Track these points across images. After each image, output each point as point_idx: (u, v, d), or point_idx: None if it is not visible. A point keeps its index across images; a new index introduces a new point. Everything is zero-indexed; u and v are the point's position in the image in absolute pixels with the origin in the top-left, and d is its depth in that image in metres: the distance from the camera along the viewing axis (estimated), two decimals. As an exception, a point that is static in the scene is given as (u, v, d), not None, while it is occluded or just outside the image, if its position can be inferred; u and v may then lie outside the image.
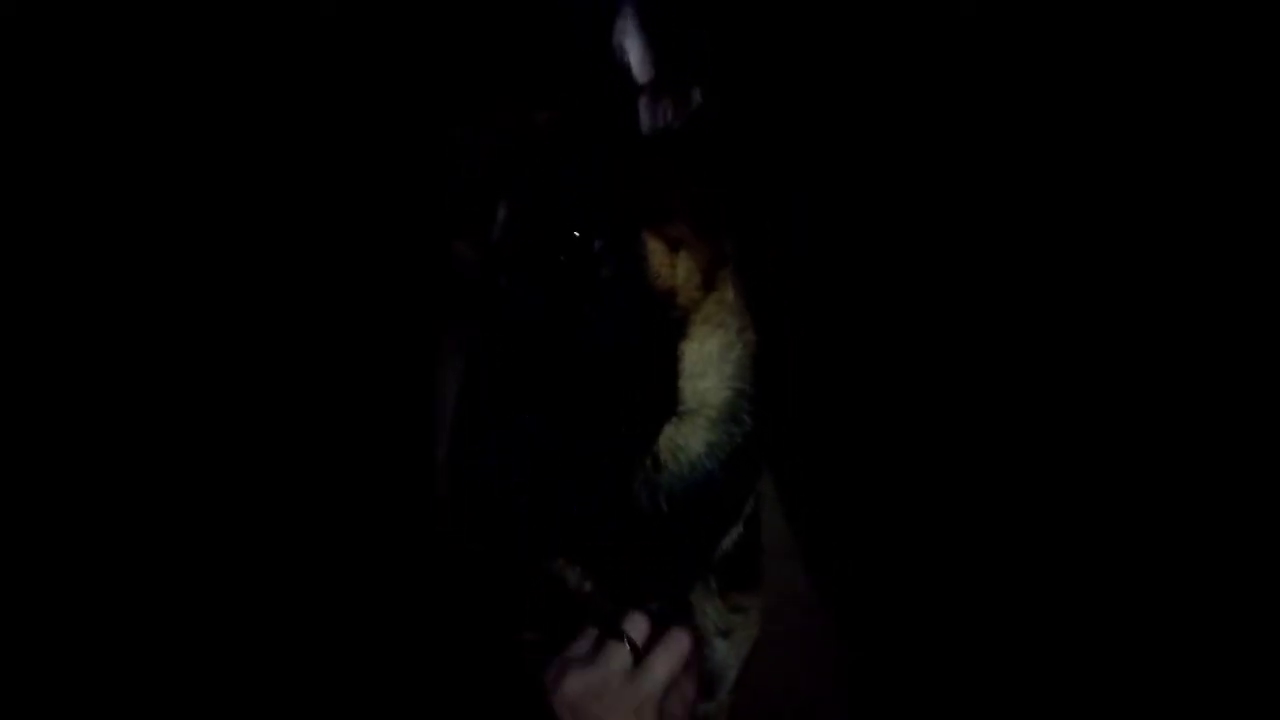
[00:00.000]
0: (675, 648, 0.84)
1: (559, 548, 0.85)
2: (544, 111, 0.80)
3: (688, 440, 0.84)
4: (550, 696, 0.82)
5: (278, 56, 1.19)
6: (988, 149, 1.27)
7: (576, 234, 0.68)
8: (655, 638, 0.85)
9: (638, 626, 0.85)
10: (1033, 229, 1.27)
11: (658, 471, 0.84)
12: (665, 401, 0.79)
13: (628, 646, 0.84)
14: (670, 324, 0.77)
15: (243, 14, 1.20)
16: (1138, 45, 1.21)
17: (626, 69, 0.80)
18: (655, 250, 0.74)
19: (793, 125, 1.27)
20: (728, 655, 0.99)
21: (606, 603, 0.88)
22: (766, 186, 1.17)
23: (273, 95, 1.20)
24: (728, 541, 0.96)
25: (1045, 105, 1.26)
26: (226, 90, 1.21)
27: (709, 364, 0.82)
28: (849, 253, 1.28)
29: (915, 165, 1.28)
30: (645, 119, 0.82)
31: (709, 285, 0.81)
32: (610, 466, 0.71)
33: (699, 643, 0.91)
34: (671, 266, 0.75)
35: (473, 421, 0.64)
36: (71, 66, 1.21)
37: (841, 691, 1.16)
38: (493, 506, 0.64)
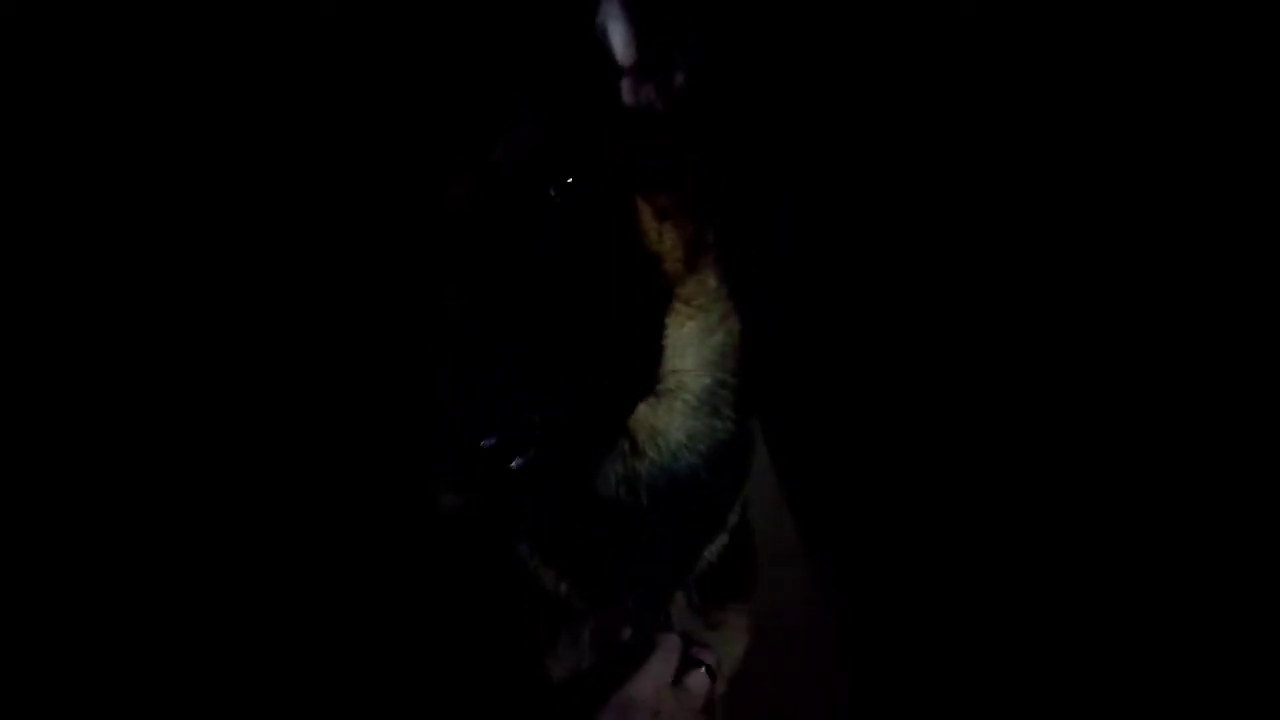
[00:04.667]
0: (664, 653, 0.82)
1: (532, 530, 0.79)
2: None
3: (666, 425, 0.79)
4: None
5: (277, 56, 1.18)
6: (985, 147, 1.26)
7: (570, 179, 0.65)
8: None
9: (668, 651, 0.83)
10: (1032, 226, 1.25)
11: (636, 457, 0.79)
12: (644, 373, 0.75)
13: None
14: (656, 290, 0.74)
15: (243, 13, 1.19)
16: (1137, 47, 1.19)
17: (609, 51, 0.80)
18: (645, 212, 0.71)
19: (782, 116, 1.25)
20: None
21: (583, 606, 0.81)
22: (752, 177, 1.15)
23: (271, 93, 1.18)
24: (711, 551, 0.91)
25: (1044, 104, 1.25)
26: (226, 89, 1.20)
27: (687, 345, 0.78)
28: (839, 247, 1.25)
29: (907, 162, 1.26)
30: (628, 99, 0.81)
31: (691, 265, 0.78)
32: (581, 432, 0.66)
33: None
34: (659, 233, 0.72)
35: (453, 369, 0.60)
36: (71, 66, 1.19)
37: (842, 691, 1.09)
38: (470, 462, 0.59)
